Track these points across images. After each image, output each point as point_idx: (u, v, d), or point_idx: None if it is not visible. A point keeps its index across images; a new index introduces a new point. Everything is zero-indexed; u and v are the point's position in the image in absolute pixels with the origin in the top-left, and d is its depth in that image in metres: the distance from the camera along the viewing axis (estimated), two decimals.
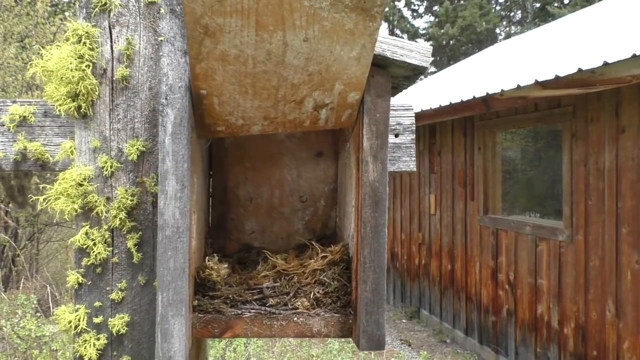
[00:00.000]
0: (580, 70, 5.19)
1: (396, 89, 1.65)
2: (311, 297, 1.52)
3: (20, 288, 7.63)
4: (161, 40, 1.41)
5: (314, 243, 1.65)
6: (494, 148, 7.83)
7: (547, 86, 5.75)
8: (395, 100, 1.80)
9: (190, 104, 1.44)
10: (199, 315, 1.51)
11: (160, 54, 1.46)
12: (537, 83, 5.74)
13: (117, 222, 1.63)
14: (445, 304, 8.80)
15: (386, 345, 7.50)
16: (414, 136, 1.86)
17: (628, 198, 5.52)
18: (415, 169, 1.87)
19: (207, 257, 1.57)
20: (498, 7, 29.40)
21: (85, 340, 1.64)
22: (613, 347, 5.79)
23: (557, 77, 5.47)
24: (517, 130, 8.00)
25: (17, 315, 6.65)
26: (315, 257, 1.58)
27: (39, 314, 6.47)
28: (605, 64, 4.93)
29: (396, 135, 1.83)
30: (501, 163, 7.86)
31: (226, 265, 1.56)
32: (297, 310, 1.50)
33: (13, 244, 7.66)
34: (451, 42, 28.26)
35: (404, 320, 9.45)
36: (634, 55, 4.63)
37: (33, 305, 6.53)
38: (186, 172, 1.42)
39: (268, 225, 1.92)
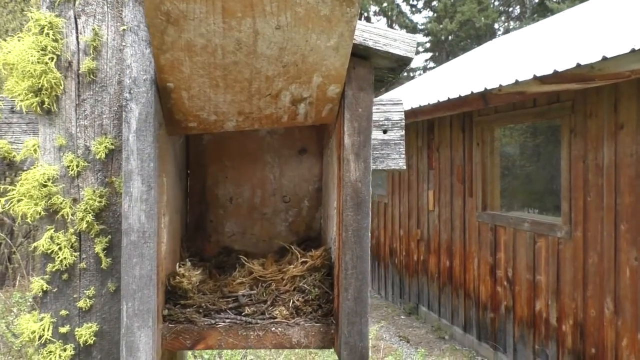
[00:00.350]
0: (578, 65, 5.06)
1: (381, 82, 1.53)
2: (290, 305, 1.40)
3: (16, 286, 7.54)
4: (124, 30, 1.29)
5: (293, 247, 1.54)
6: (493, 144, 7.70)
7: (546, 81, 5.63)
8: (385, 95, 1.69)
9: (156, 99, 1.32)
10: (170, 325, 1.39)
11: (123, 44, 1.34)
12: (535, 78, 5.61)
13: (84, 225, 1.51)
14: (444, 300, 8.69)
15: (384, 341, 7.39)
16: (403, 132, 1.74)
17: (627, 194, 5.40)
18: (404, 167, 1.75)
19: (178, 263, 1.45)
20: (497, 3, 29.22)
21: (51, 352, 1.52)
22: (612, 344, 5.68)
23: (555, 72, 5.34)
24: (516, 125, 7.88)
25: (12, 314, 6.55)
26: (295, 263, 1.47)
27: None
28: (604, 58, 4.80)
29: (384, 132, 1.71)
30: (500, 159, 7.74)
31: (198, 272, 1.44)
32: (275, 320, 1.39)
33: (9, 241, 7.56)
34: (450, 37, 28.10)
35: (402, 317, 9.34)
36: (633, 50, 4.50)
37: (28, 303, 6.44)
38: (152, 172, 1.30)
39: (249, 227, 1.80)
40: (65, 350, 1.52)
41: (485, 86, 6.51)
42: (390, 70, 1.45)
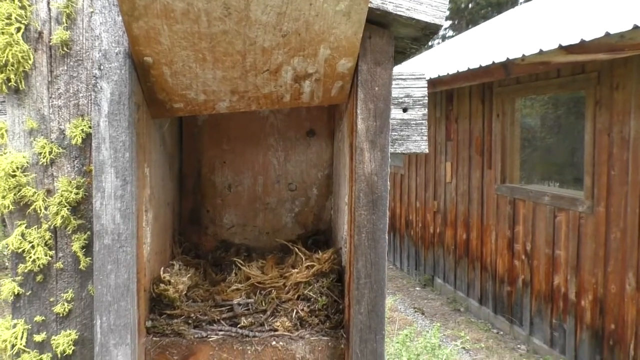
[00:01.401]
0: (607, 34, 4.69)
1: (402, 54, 1.27)
2: (293, 315, 1.18)
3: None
4: None
5: (297, 247, 1.31)
6: (513, 115, 7.35)
7: (572, 51, 5.26)
8: (404, 68, 1.43)
9: (133, 76, 1.08)
10: (154, 339, 1.18)
11: (91, 10, 1.11)
12: (561, 48, 5.24)
13: (59, 220, 1.30)
14: (460, 272, 8.47)
15: (399, 313, 7.23)
16: (426, 111, 1.49)
17: None
18: (427, 150, 1.50)
19: (162, 268, 1.24)
20: None
21: None
22: (632, 320, 5.44)
23: (582, 42, 4.97)
24: (537, 96, 7.51)
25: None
26: (299, 267, 1.24)
27: None
28: (635, 27, 4.43)
29: (404, 110, 1.45)
30: (520, 130, 7.40)
31: (187, 277, 1.22)
32: (276, 333, 1.17)
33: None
34: (470, 5, 27.22)
35: (417, 288, 9.16)
36: None
37: None
38: (129, 163, 1.07)
39: (250, 219, 1.57)
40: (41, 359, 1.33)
41: (508, 56, 6.15)
42: (414, 41, 1.19)
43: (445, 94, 8.94)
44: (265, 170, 1.57)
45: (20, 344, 1.31)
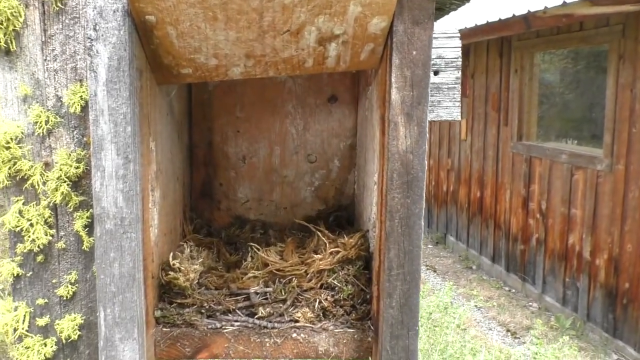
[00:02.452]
0: None
1: (441, 11, 1.11)
2: (316, 306, 1.06)
3: None
4: None
5: (320, 230, 1.18)
6: (532, 70, 7.08)
7: (597, 2, 4.98)
8: (435, 26, 1.27)
9: (134, 37, 0.93)
10: (164, 329, 1.07)
11: None
12: None
13: (59, 196, 1.17)
14: (473, 230, 8.36)
15: None
16: (459, 74, 1.33)
17: None
18: (459, 117, 1.35)
19: (172, 253, 1.11)
20: None
21: (28, 348, 1.23)
22: None
23: None
24: (557, 51, 7.21)
25: None
26: (323, 253, 1.11)
27: None
28: None
29: (435, 73, 1.30)
30: (538, 86, 7.14)
31: (197, 266, 1.09)
32: (297, 324, 1.05)
33: None
34: None
35: (429, 246, 9.09)
36: None
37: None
38: (131, 138, 0.93)
39: (266, 193, 1.44)
40: (45, 345, 1.22)
41: (529, 8, 5.85)
42: None
43: (462, 48, 8.64)
44: (283, 139, 1.43)
45: (23, 328, 1.21)
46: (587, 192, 6.15)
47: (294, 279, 1.08)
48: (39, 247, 1.19)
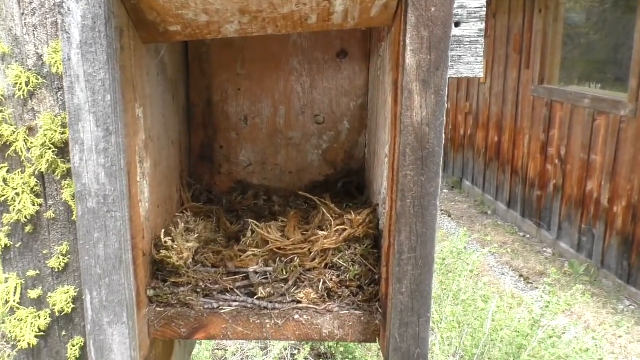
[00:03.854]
0: None
1: None
2: (320, 286, 0.97)
3: None
4: None
5: (326, 204, 1.08)
6: (557, 10, 6.72)
7: None
8: None
9: None
10: (158, 309, 1.00)
11: None
12: None
13: (44, 164, 1.08)
14: (489, 175, 8.22)
15: None
16: (483, 25, 1.19)
17: None
18: (482, 74, 1.22)
19: (163, 230, 1.02)
20: None
21: (21, 320, 1.17)
22: None
23: None
24: None
25: None
26: (328, 230, 1.01)
27: None
28: None
29: (456, 25, 1.15)
30: (563, 27, 6.80)
31: (191, 244, 1.00)
32: (300, 305, 0.97)
33: None
34: None
35: (445, 191, 8.99)
36: None
37: None
38: (111, 108, 0.82)
39: (270, 156, 1.33)
40: (39, 317, 1.16)
41: None
42: None
43: None
44: (288, 98, 1.31)
45: (14, 301, 1.15)
46: (608, 138, 5.95)
47: (296, 258, 0.99)
48: (26, 217, 1.11)
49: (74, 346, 1.17)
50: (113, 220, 0.86)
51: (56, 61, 1.04)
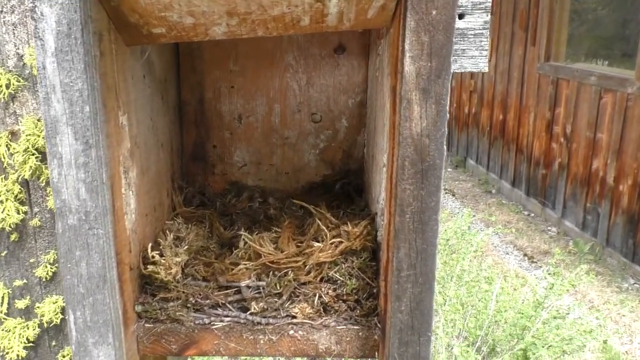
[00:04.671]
0: None
1: None
2: (316, 301, 0.93)
3: None
4: None
5: (321, 213, 1.02)
6: None
7: None
8: None
9: None
10: (147, 325, 0.95)
11: None
12: None
13: (28, 170, 1.03)
14: (494, 154, 8.12)
15: None
16: (488, 17, 1.12)
17: None
18: (487, 69, 1.15)
19: (150, 244, 0.97)
20: None
21: (9, 331, 1.13)
22: None
23: None
24: None
25: None
26: (324, 242, 0.96)
27: None
28: None
29: (460, 17, 1.08)
30: (570, 2, 6.64)
31: (179, 259, 0.95)
32: (295, 320, 0.93)
33: None
34: None
35: (449, 170, 8.90)
36: None
37: None
38: (90, 119, 0.76)
39: (266, 156, 1.27)
40: (27, 327, 1.13)
41: None
42: None
43: None
44: (283, 96, 1.24)
45: (1, 311, 1.11)
46: (615, 116, 5.85)
47: (290, 271, 0.94)
48: (10, 225, 1.06)
49: (64, 357, 1.13)
50: (95, 237, 0.81)
51: None
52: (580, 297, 5.38)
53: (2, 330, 1.12)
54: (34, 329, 1.12)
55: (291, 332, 0.92)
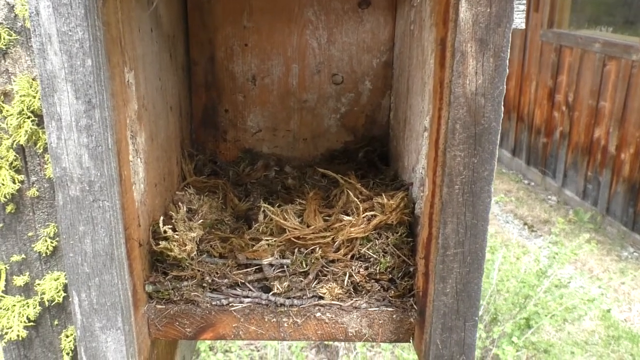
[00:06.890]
0: None
1: None
2: (345, 280, 0.83)
3: None
4: None
5: (350, 183, 0.91)
6: None
7: None
8: None
9: None
10: (159, 306, 0.85)
11: None
12: None
13: (23, 135, 0.92)
14: None
15: None
16: None
17: None
18: (524, 25, 1.03)
19: (162, 218, 0.86)
20: None
21: (7, 309, 1.03)
22: None
23: None
24: None
25: None
26: (355, 215, 0.86)
27: None
28: None
29: None
30: None
31: (194, 234, 0.85)
32: (322, 301, 0.83)
33: None
34: None
35: None
36: None
37: None
38: (93, 74, 0.65)
39: (282, 121, 1.16)
40: (27, 306, 1.03)
41: None
42: None
43: None
44: (302, 55, 1.13)
45: None
46: (618, 84, 5.73)
47: (317, 248, 0.84)
48: (6, 196, 0.95)
49: (67, 337, 1.04)
50: (101, 211, 0.70)
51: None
52: (580, 266, 5.35)
53: (1, 308, 1.02)
54: (34, 307, 1.02)
55: (318, 314, 0.83)
